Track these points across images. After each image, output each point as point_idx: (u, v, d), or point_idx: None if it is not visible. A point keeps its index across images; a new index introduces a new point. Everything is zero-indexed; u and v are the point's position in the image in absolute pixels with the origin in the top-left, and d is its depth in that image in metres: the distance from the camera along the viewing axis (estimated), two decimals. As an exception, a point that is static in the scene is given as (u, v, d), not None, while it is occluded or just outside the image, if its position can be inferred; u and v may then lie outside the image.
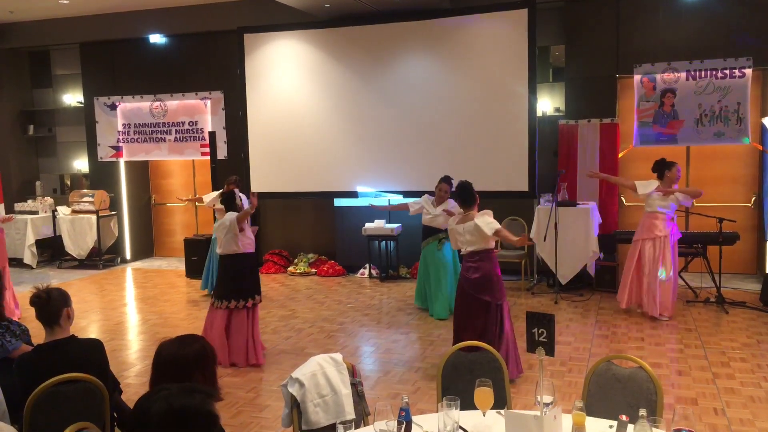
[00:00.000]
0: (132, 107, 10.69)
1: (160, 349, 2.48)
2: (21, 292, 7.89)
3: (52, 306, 3.28)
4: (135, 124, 10.69)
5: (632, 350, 5.76)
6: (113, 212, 10.78)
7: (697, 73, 7.98)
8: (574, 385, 4.96)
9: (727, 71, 7.85)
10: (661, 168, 6.79)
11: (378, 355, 5.95)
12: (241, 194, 7.68)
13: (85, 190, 10.72)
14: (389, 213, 9.17)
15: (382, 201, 9.22)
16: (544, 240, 7.61)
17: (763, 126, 8.07)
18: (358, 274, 9.39)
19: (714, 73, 7.91)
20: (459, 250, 5.33)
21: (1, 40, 10.95)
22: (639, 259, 6.84)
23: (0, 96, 11.17)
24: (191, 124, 10.42)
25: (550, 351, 2.62)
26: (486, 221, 4.98)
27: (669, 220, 6.75)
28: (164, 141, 10.59)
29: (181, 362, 2.41)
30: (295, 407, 3.00)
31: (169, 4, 9.85)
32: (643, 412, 2.29)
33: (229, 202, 5.91)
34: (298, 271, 9.59)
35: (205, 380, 2.41)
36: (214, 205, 7.95)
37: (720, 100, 7.90)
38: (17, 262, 10.33)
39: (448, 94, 8.76)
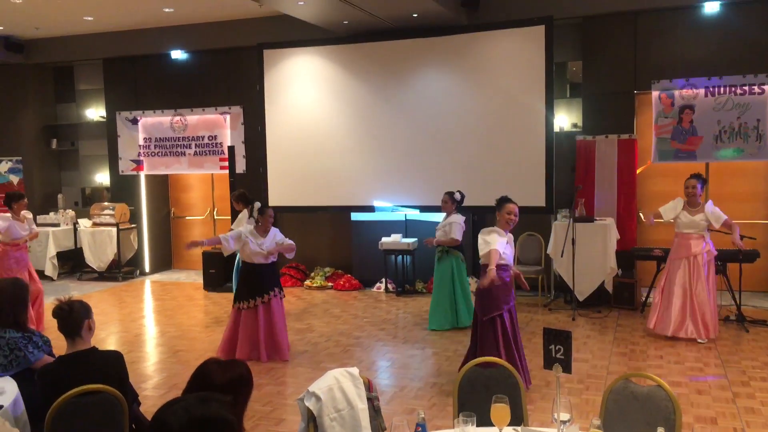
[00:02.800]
0: (153, 121, 10.85)
1: (207, 361, 2.48)
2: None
3: (74, 318, 3.34)
4: (156, 138, 10.84)
5: (651, 368, 5.70)
6: (133, 225, 10.91)
7: (716, 89, 7.94)
8: (591, 402, 4.91)
9: (746, 87, 7.80)
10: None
11: (394, 370, 5.94)
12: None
13: (106, 203, 10.86)
14: (406, 227, 9.20)
15: (398, 215, 9.25)
16: (562, 256, 7.57)
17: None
18: (375, 289, 9.39)
19: (733, 89, 7.87)
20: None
21: (27, 55, 11.19)
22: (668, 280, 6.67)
23: (25, 110, 11.40)
24: (211, 138, 10.55)
25: (567, 368, 2.62)
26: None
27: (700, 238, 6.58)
28: (184, 155, 10.73)
29: (208, 382, 2.40)
30: (312, 421, 3.01)
31: (191, 20, 10.02)
32: (661, 430, 2.27)
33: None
34: (314, 284, 9.63)
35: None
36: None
37: (739, 117, 7.85)
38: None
39: (465, 110, 8.79)
